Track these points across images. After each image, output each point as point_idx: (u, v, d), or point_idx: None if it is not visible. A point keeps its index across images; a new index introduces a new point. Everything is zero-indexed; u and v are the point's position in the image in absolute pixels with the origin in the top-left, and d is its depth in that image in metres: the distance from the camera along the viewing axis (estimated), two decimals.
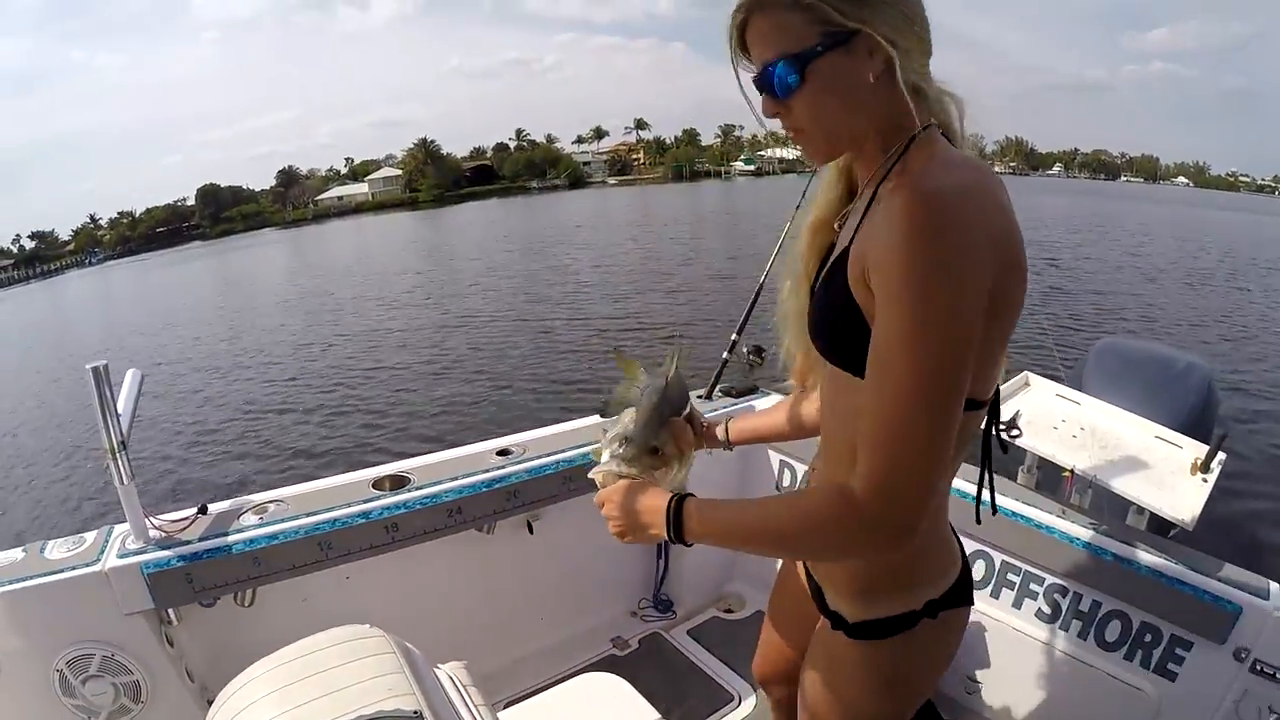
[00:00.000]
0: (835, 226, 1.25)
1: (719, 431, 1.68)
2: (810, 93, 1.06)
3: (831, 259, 1.16)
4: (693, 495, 1.21)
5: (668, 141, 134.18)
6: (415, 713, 1.09)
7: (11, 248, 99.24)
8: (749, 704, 2.64)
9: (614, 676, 1.99)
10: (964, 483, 2.38)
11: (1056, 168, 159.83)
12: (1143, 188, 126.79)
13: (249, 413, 10.83)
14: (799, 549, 1.20)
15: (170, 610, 2.04)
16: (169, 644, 2.06)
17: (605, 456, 1.33)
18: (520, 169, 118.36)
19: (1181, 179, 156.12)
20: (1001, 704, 2.46)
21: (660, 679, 1.92)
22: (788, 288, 1.35)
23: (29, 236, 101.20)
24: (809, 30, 1.02)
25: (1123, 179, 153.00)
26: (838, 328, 1.10)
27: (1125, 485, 2.20)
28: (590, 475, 1.35)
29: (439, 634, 1.49)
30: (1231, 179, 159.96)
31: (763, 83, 1.10)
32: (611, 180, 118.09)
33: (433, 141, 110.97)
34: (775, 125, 1.15)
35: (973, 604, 1.35)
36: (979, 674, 2.47)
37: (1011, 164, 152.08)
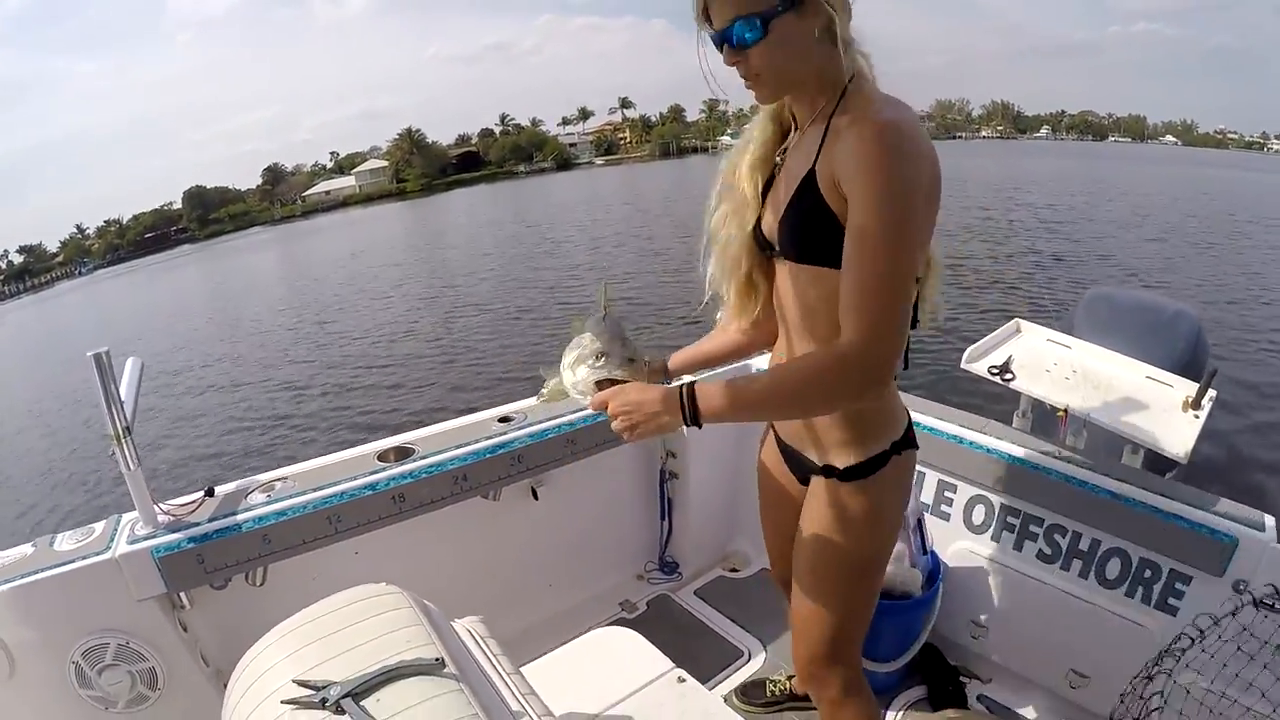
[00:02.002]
0: (776, 159, 1.52)
1: (659, 365, 1.77)
2: (767, 45, 1.29)
3: (798, 182, 1.37)
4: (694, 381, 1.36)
5: (653, 119, 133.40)
6: (438, 659, 1.09)
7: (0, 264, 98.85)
8: (759, 659, 2.68)
9: (628, 630, 2.01)
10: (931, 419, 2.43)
11: (1044, 130, 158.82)
12: (1131, 147, 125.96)
13: (253, 401, 10.93)
14: (805, 403, 1.34)
15: (182, 594, 2.05)
16: (183, 629, 2.07)
17: (582, 371, 1.44)
18: (507, 154, 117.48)
19: (1169, 137, 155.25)
20: (1007, 646, 2.49)
21: (670, 639, 1.94)
22: (731, 224, 1.58)
23: (17, 251, 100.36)
24: None
25: (1111, 139, 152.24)
26: (814, 231, 1.35)
27: (1119, 423, 2.21)
28: (575, 383, 1.45)
29: (450, 601, 1.50)
30: (1220, 136, 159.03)
31: (727, 36, 1.31)
32: (599, 161, 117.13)
33: (417, 131, 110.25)
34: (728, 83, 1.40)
35: (918, 447, 1.64)
36: (983, 618, 2.50)
37: (999, 128, 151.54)
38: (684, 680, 1.80)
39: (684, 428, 1.34)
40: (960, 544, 2.51)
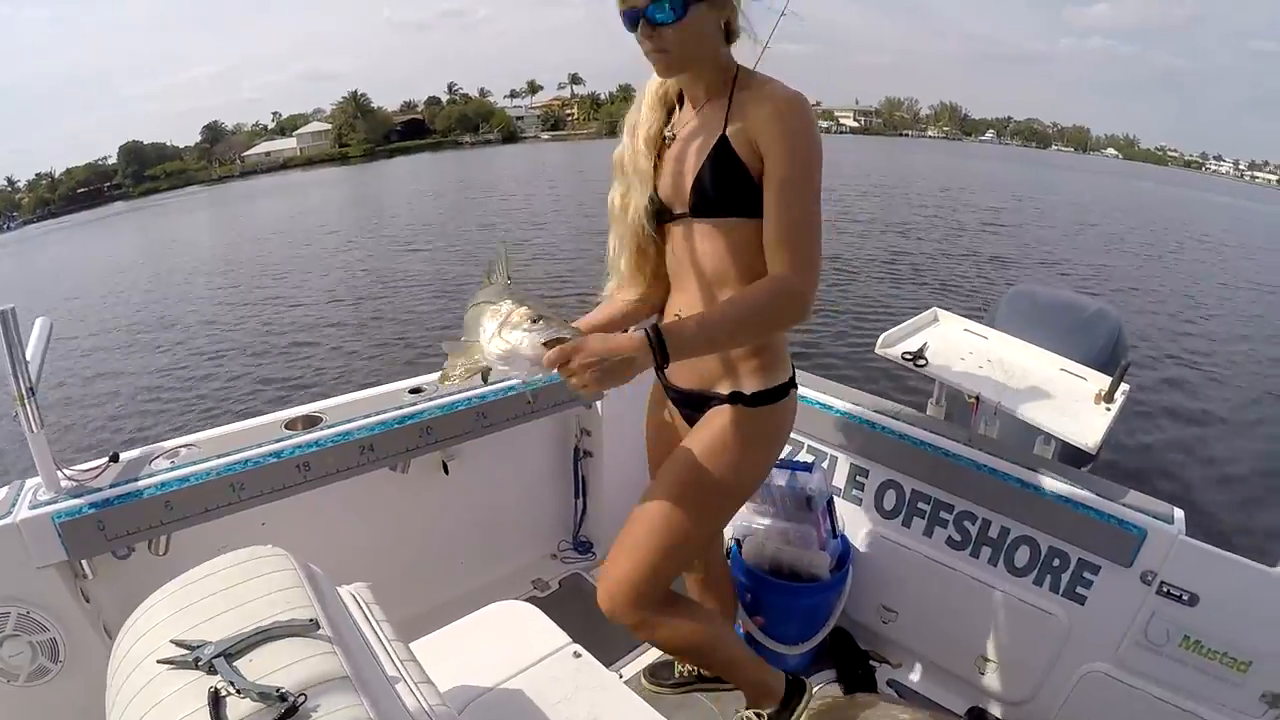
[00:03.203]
0: (668, 135, 1.73)
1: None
2: (682, 26, 1.50)
3: (710, 147, 1.58)
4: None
5: (603, 97, 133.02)
6: (311, 620, 1.08)
7: None
8: None
9: (525, 604, 1.99)
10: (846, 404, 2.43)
11: (989, 134, 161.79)
12: (1073, 157, 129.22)
13: (173, 366, 10.57)
14: (762, 327, 1.56)
15: (84, 562, 1.98)
16: (85, 599, 2.00)
17: (518, 335, 1.40)
18: (453, 123, 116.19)
19: (1111, 150, 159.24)
20: (916, 631, 2.52)
21: (581, 618, 1.92)
22: (630, 199, 1.75)
23: None
24: None
25: (1054, 148, 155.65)
26: (731, 187, 1.56)
27: (1030, 413, 2.24)
28: (511, 351, 1.41)
29: (358, 574, 1.47)
30: (1160, 153, 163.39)
31: (647, 14, 1.49)
32: (545, 135, 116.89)
33: (362, 95, 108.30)
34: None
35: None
36: (894, 604, 2.53)
37: (945, 128, 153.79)
38: (580, 655, 1.78)
39: (599, 403, 1.50)
40: (871, 528, 2.54)
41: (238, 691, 0.95)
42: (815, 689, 2.43)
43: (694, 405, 1.80)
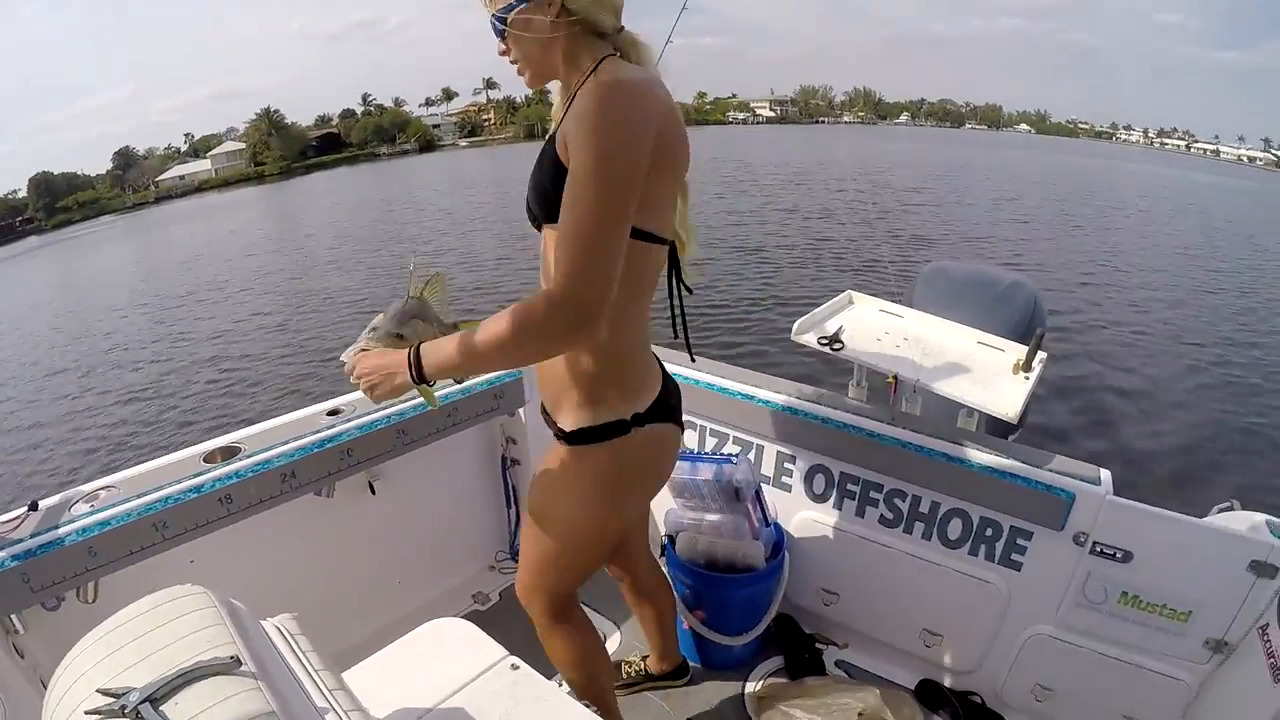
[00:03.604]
0: None
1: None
2: (513, 36, 1.45)
3: (542, 151, 1.48)
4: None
5: (519, 100, 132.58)
6: (233, 658, 1.06)
7: None
8: (614, 641, 2.68)
9: (460, 620, 1.97)
10: (766, 391, 2.45)
11: (904, 117, 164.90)
12: (986, 134, 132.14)
13: (76, 409, 10.27)
14: (517, 347, 1.34)
15: (13, 617, 1.91)
16: (19, 654, 1.94)
17: (348, 351, 1.51)
18: (369, 135, 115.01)
19: (1023, 126, 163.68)
20: (859, 610, 2.55)
21: (525, 628, 1.91)
22: None
23: None
24: None
25: (968, 126, 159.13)
26: (551, 193, 1.39)
27: (949, 388, 2.26)
28: (341, 359, 1.51)
29: (292, 606, 1.44)
30: (1071, 126, 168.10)
31: (494, 32, 1.48)
32: (462, 142, 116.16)
33: (276, 111, 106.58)
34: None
35: (680, 427, 1.73)
36: (834, 586, 2.55)
37: (860, 114, 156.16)
38: (518, 668, 1.77)
39: (521, 409, 1.49)
40: (803, 514, 2.55)
41: None
42: (764, 677, 2.47)
43: (548, 423, 1.72)
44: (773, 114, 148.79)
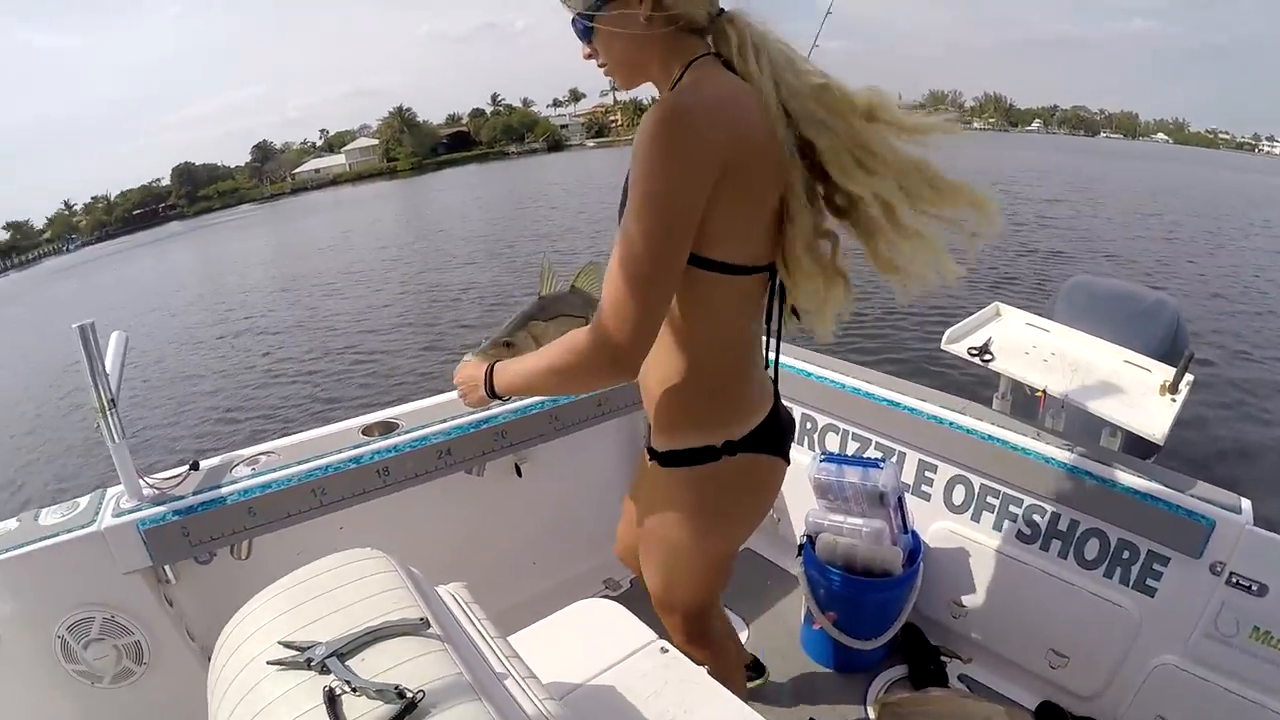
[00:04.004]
0: None
1: None
2: (601, 37, 1.33)
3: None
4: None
5: (645, 102, 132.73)
6: (422, 619, 1.10)
7: None
8: (740, 637, 2.66)
9: (611, 602, 2.02)
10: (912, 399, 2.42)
11: (1035, 124, 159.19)
12: (1122, 144, 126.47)
13: (239, 378, 10.80)
14: (562, 378, 1.35)
15: (168, 568, 2.04)
16: (168, 603, 2.07)
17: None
18: (498, 134, 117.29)
19: (1161, 135, 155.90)
20: (987, 625, 2.52)
21: (653, 616, 1.96)
22: None
23: (3, 227, 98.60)
24: None
25: (1102, 135, 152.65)
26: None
27: (1097, 405, 2.22)
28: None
29: (434, 575, 1.52)
30: (1211, 136, 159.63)
31: (577, 34, 1.37)
32: (590, 143, 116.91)
33: (408, 109, 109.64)
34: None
35: (785, 460, 1.61)
36: (964, 598, 2.52)
37: (990, 120, 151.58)
38: (667, 650, 1.80)
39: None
40: (940, 524, 2.54)
41: (353, 690, 0.95)
42: (887, 684, 2.47)
43: (647, 442, 1.68)
44: None
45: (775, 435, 1.56)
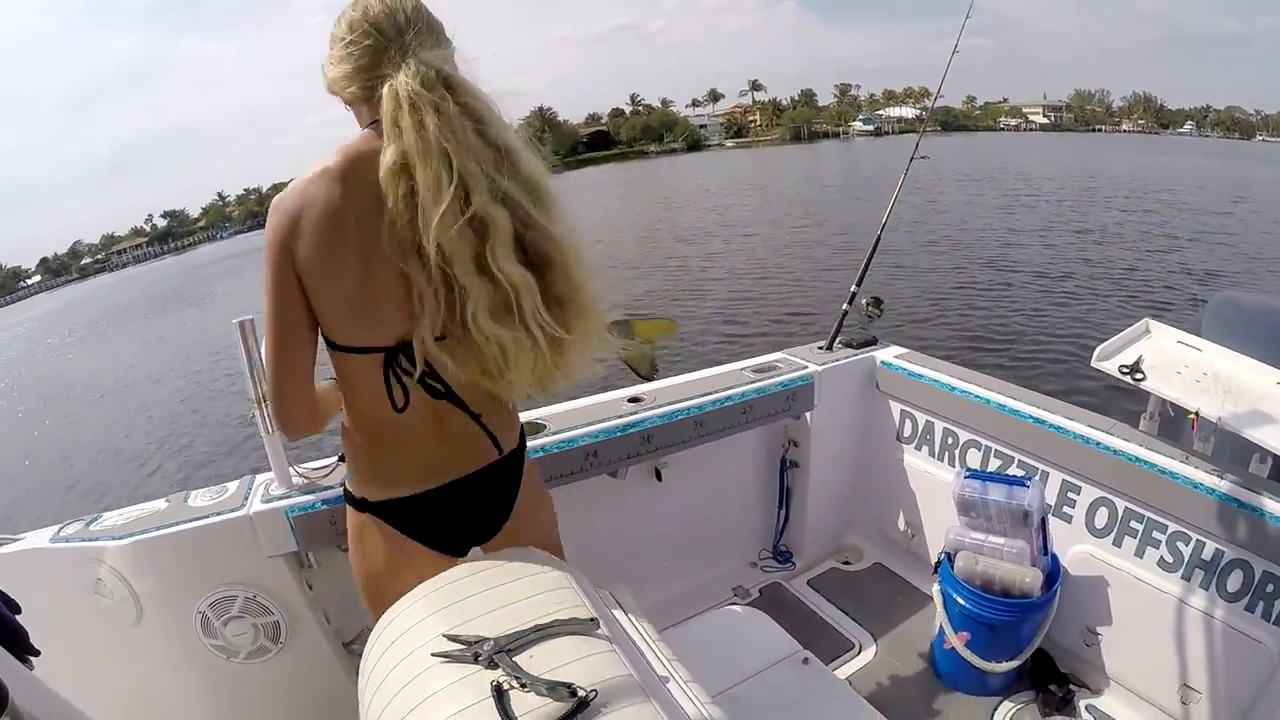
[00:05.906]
0: None
1: None
2: None
3: None
4: None
5: (783, 103, 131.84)
6: (593, 619, 1.14)
7: (145, 226, 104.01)
8: (869, 653, 2.69)
9: (756, 610, 2.06)
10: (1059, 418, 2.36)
11: (1187, 125, 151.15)
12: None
13: None
14: None
15: (311, 554, 2.15)
16: (308, 587, 2.18)
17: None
18: (637, 134, 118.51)
19: None
20: (1120, 656, 2.44)
21: (783, 626, 1.98)
22: None
23: (161, 215, 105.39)
24: None
25: (1259, 138, 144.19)
26: None
27: (1251, 430, 2.11)
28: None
29: None
30: None
31: None
32: (728, 143, 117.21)
33: (549, 109, 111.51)
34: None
35: (425, 545, 1.58)
36: (1099, 627, 2.45)
37: (1140, 121, 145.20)
38: (808, 662, 1.81)
39: (808, 414, 1.56)
40: (1080, 547, 2.47)
41: (522, 685, 0.99)
42: (1014, 710, 2.43)
43: None
44: (1046, 120, 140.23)
45: (420, 516, 1.57)
